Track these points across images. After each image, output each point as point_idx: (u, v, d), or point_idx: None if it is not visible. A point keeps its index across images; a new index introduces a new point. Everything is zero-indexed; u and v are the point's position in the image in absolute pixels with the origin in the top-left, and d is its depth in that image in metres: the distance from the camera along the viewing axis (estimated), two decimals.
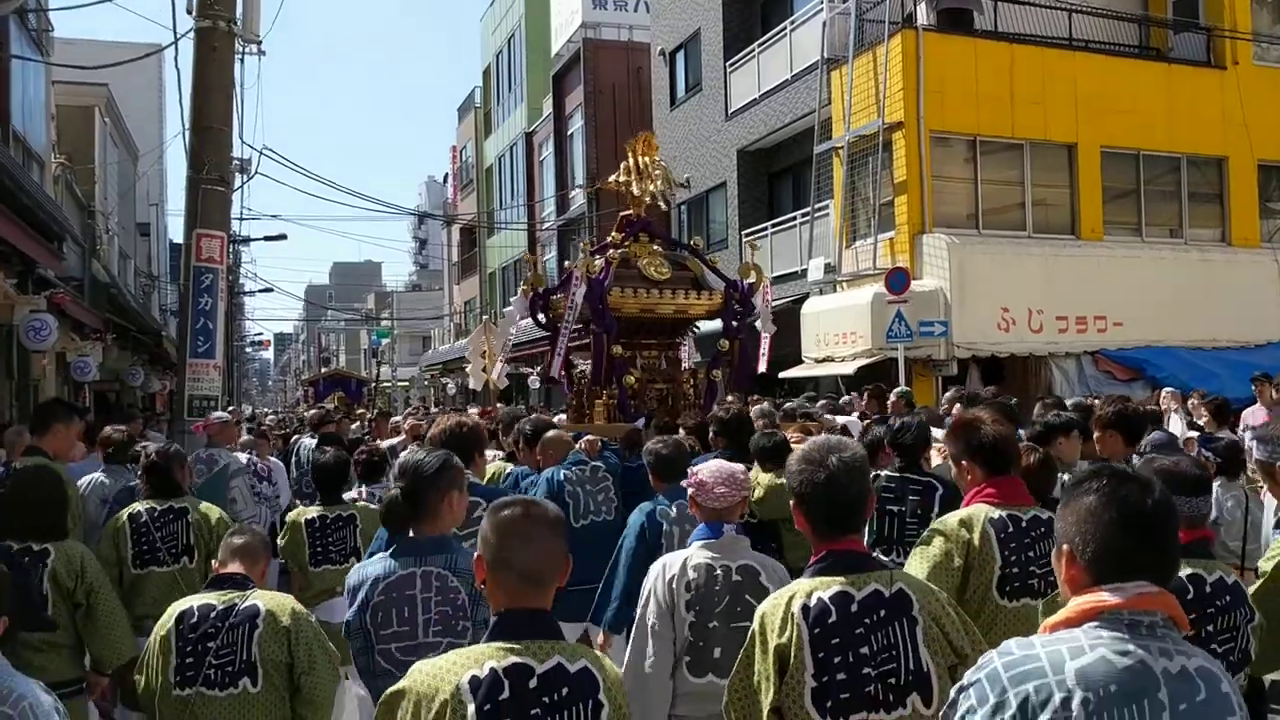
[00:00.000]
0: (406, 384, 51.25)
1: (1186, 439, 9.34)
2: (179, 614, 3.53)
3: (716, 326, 9.42)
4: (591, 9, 30.34)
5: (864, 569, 2.71)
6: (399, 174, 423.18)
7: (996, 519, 3.50)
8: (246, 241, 34.67)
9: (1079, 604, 1.86)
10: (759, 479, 5.77)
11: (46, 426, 5.82)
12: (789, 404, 11.38)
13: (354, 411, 21.06)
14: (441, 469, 3.30)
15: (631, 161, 8.94)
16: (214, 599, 3.55)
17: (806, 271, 16.90)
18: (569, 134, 30.17)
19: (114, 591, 4.45)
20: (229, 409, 10.80)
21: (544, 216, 32.50)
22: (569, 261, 25.43)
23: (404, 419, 11.71)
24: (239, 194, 11.07)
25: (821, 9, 16.93)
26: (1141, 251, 16.11)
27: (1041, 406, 7.48)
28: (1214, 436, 8.61)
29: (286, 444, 12.24)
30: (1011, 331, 14.77)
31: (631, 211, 8.86)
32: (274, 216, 66.14)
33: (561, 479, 6.00)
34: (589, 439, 6.46)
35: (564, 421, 8.30)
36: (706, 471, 3.80)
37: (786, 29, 18.57)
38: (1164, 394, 11.36)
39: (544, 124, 32.12)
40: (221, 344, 8.70)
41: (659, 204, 9.12)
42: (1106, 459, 5.20)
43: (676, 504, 4.68)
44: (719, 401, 9.00)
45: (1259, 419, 10.13)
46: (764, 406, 9.96)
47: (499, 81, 37.57)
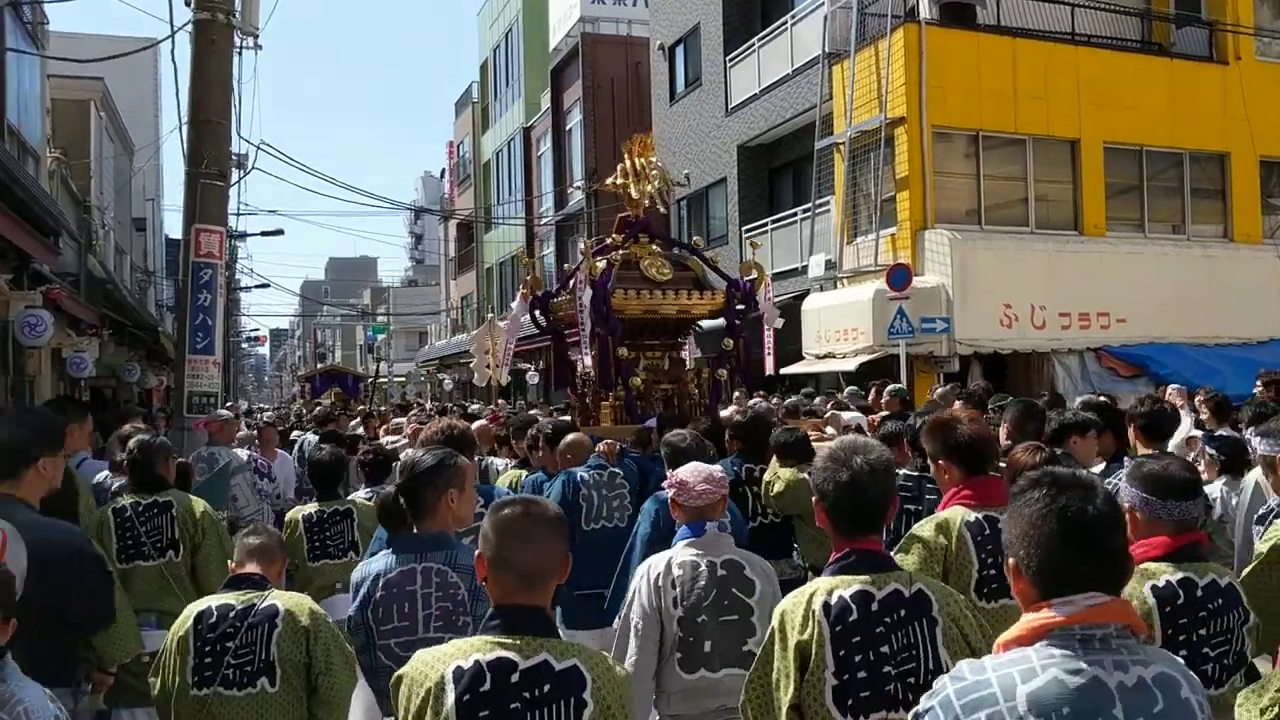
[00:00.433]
0: (403, 379, 51.14)
1: (1190, 437, 9.26)
2: (197, 614, 3.53)
3: (718, 324, 9.37)
4: (590, 3, 30.27)
5: (884, 569, 2.72)
6: (395, 169, 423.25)
7: (973, 521, 3.51)
8: (243, 237, 34.50)
9: (1029, 621, 1.83)
10: (779, 474, 5.76)
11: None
12: (791, 400, 11.37)
13: (352, 408, 21.02)
14: (438, 467, 3.30)
15: (628, 163, 8.92)
16: (233, 599, 3.56)
17: (807, 268, 16.83)
18: (567, 129, 30.07)
19: (120, 588, 4.35)
20: (228, 406, 10.76)
21: (542, 212, 32.40)
22: (568, 264, 25.51)
23: (407, 420, 11.61)
24: (235, 189, 10.95)
25: (823, 3, 16.83)
26: (1144, 248, 16.04)
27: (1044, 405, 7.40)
28: (1219, 435, 8.57)
29: (285, 440, 12.21)
30: (1014, 328, 14.70)
31: (630, 213, 8.81)
32: (271, 212, 65.98)
33: (578, 480, 5.95)
34: (607, 443, 6.43)
35: (566, 420, 8.23)
36: (686, 472, 3.90)
37: (787, 23, 18.47)
38: (1169, 391, 11.27)
39: (542, 119, 32.01)
40: (221, 340, 8.62)
41: (657, 206, 9.06)
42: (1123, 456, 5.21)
43: None
44: (724, 401, 8.96)
45: None
46: (764, 405, 9.92)
47: (496, 76, 37.45)
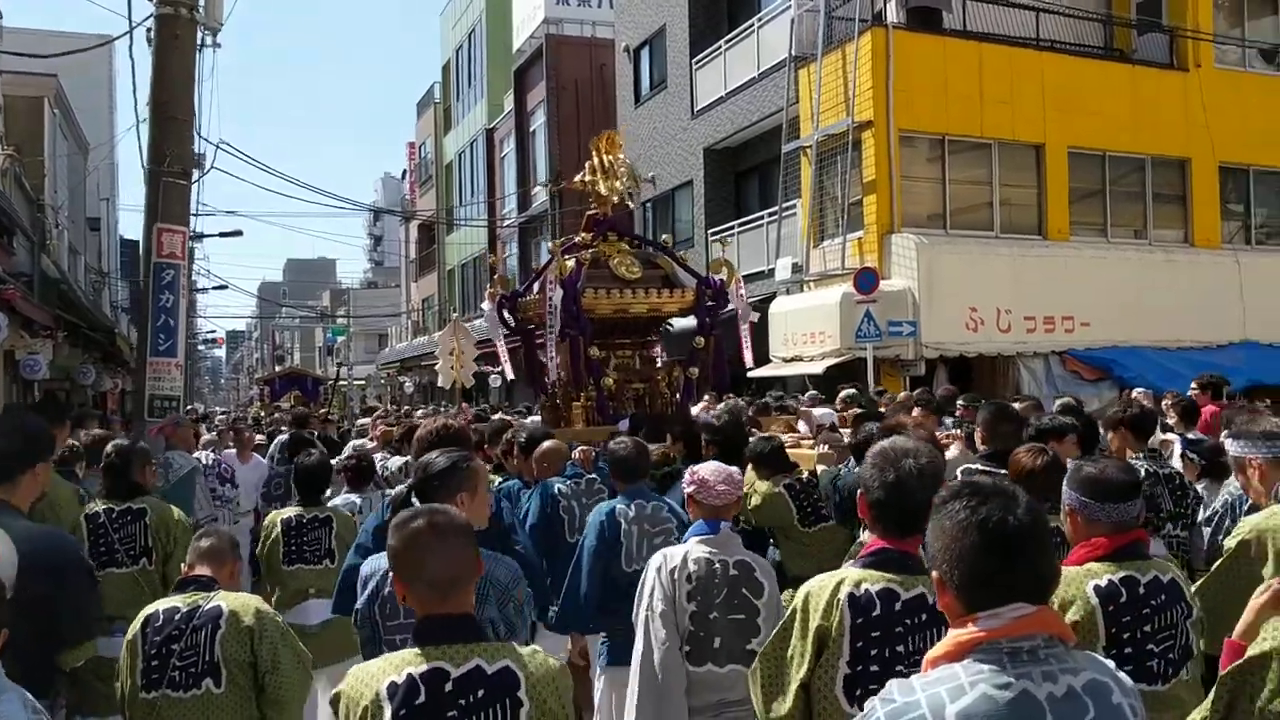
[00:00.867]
0: (363, 382, 50.66)
1: (1163, 440, 9.29)
2: (145, 617, 3.56)
3: (686, 324, 9.28)
4: (554, 4, 30.11)
5: (914, 571, 2.72)
6: (355, 171, 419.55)
7: None
8: (200, 238, 33.99)
9: (955, 637, 1.82)
10: (756, 487, 5.64)
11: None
12: (764, 400, 11.32)
13: (314, 410, 20.76)
14: (450, 469, 3.32)
15: (596, 160, 8.82)
16: (179, 601, 3.57)
17: (774, 271, 16.81)
18: (531, 130, 29.90)
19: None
20: (189, 410, 10.52)
21: (505, 214, 32.20)
22: (536, 262, 25.32)
23: (372, 423, 11.44)
24: (194, 189, 10.65)
25: (789, 6, 16.85)
26: (1107, 252, 16.18)
27: (1025, 410, 7.37)
28: (1199, 439, 8.68)
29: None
30: (980, 331, 14.76)
31: (598, 210, 8.72)
32: (229, 212, 65.03)
33: (556, 493, 5.77)
34: (583, 449, 6.27)
35: (537, 423, 8.11)
36: (707, 470, 3.98)
37: (754, 26, 18.46)
38: (1135, 394, 11.34)
39: (505, 120, 31.82)
40: (183, 342, 8.41)
41: (625, 202, 8.99)
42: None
43: (635, 503, 4.82)
44: (694, 401, 8.88)
45: None
46: (735, 403, 9.86)
47: (459, 77, 37.19)
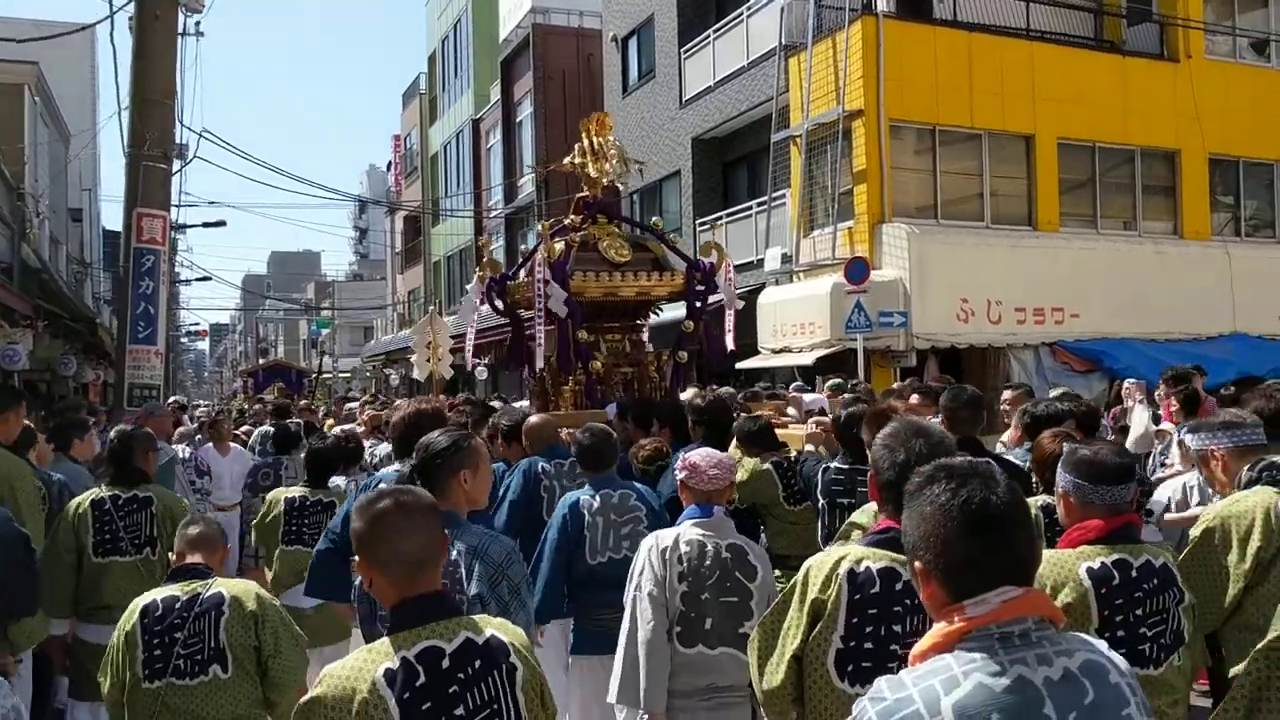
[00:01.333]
0: (348, 374, 50.44)
1: (1159, 431, 9.25)
2: (142, 608, 3.56)
3: (674, 315, 9.20)
4: None
5: None
6: (339, 162, 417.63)
7: None
8: (183, 229, 33.72)
9: (943, 628, 1.77)
10: (742, 463, 5.67)
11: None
12: (753, 389, 11.24)
13: (296, 402, 20.66)
14: (451, 448, 3.34)
15: (586, 142, 8.76)
16: (176, 590, 3.58)
17: (763, 261, 16.70)
18: (518, 121, 29.71)
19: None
20: (171, 400, 10.36)
21: (491, 205, 32.02)
22: (524, 246, 25.13)
23: (360, 408, 11.34)
24: (176, 179, 10.56)
25: None
26: (1097, 243, 16.13)
27: (1016, 398, 7.28)
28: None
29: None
30: (970, 322, 14.67)
31: (588, 193, 8.64)
32: (212, 203, 64.42)
33: (539, 471, 5.80)
34: (569, 432, 6.22)
35: (527, 409, 8.03)
36: (698, 455, 3.97)
37: (743, 14, 18.32)
38: (1127, 384, 11.27)
39: (491, 111, 31.61)
40: (163, 330, 8.25)
41: (616, 185, 8.93)
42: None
43: (601, 493, 4.83)
44: (684, 384, 8.80)
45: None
46: (727, 390, 9.79)
47: (445, 67, 36.93)
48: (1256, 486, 3.54)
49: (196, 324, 67.15)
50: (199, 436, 9.98)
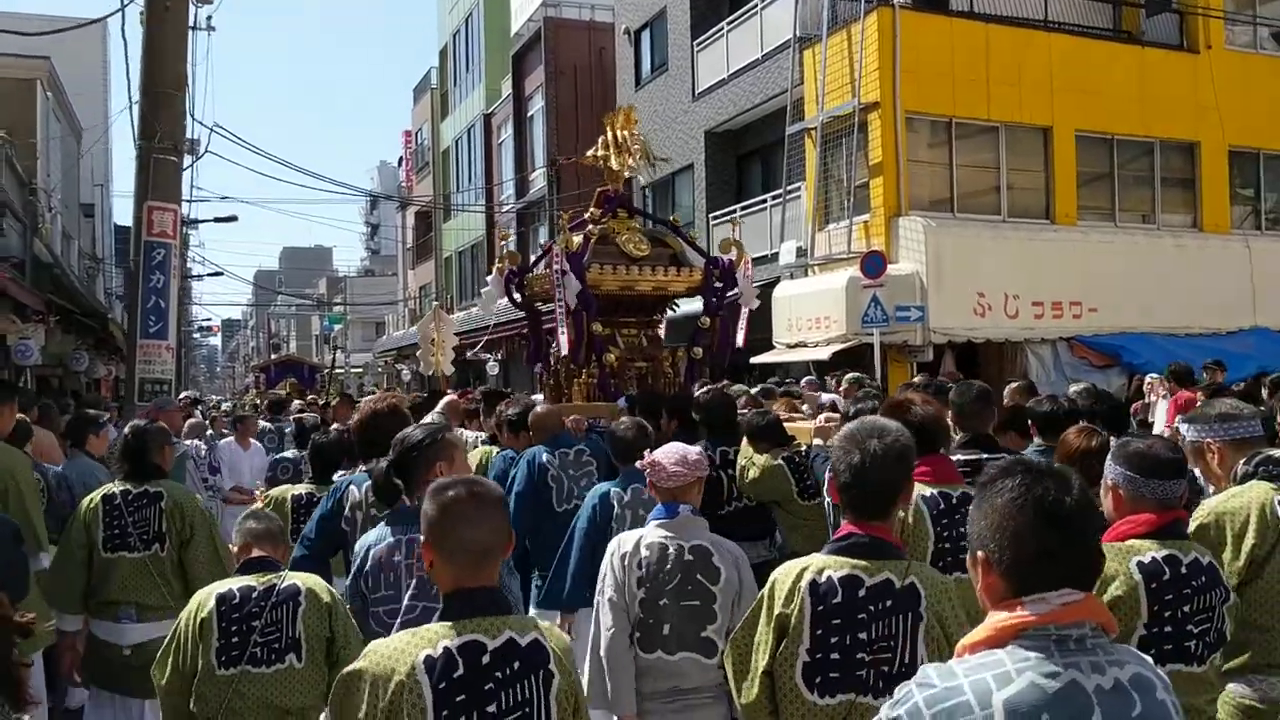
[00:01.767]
0: (360, 370, 50.45)
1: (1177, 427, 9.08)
2: (219, 596, 3.61)
3: (690, 310, 9.11)
4: None
5: (881, 556, 2.72)
6: (350, 159, 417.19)
7: (929, 496, 3.61)
8: (195, 224, 33.71)
9: (1000, 621, 1.75)
10: (754, 460, 5.58)
11: None
12: (767, 385, 11.13)
13: (305, 398, 20.66)
14: (423, 441, 3.35)
15: (610, 135, 8.64)
16: (252, 580, 3.65)
17: (777, 255, 16.57)
18: (529, 116, 29.60)
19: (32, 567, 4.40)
20: (184, 395, 10.28)
21: (503, 200, 31.93)
22: (534, 248, 25.07)
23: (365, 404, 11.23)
24: (188, 174, 10.51)
25: None
26: (1115, 237, 15.95)
27: (1014, 392, 6.98)
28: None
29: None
30: (987, 317, 14.53)
31: (609, 187, 8.55)
32: (224, 198, 64.53)
33: (543, 462, 5.85)
34: (574, 418, 6.34)
35: (541, 401, 8.00)
36: (661, 453, 3.89)
37: (757, 6, 18.16)
38: (1149, 379, 11.15)
39: (503, 106, 31.50)
40: (174, 324, 8.17)
41: (639, 176, 8.86)
42: None
43: (631, 487, 4.79)
44: (699, 380, 8.72)
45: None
46: (740, 387, 9.71)
47: (456, 62, 36.84)
48: (1252, 481, 3.47)
49: (209, 319, 67.18)
50: (210, 432, 9.95)
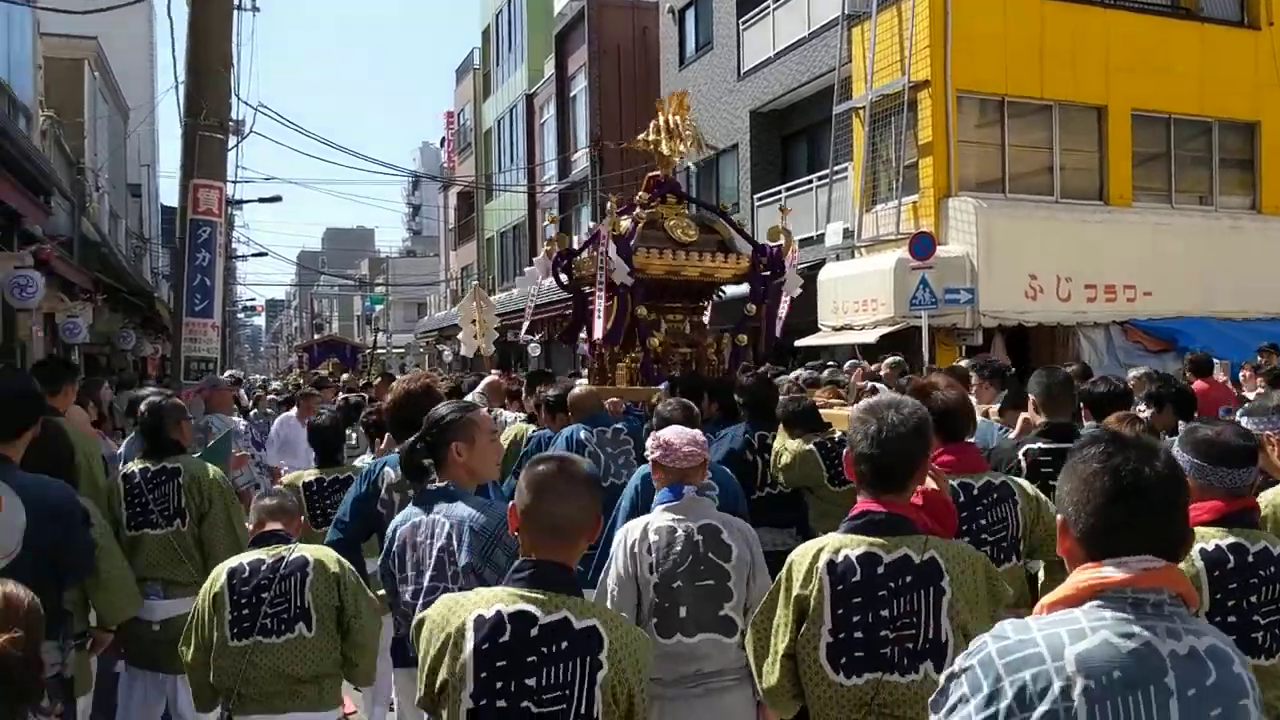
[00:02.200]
0: (402, 350, 50.70)
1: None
2: (230, 570, 3.71)
3: (737, 293, 9.03)
4: None
5: (898, 532, 2.70)
6: (393, 140, 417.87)
7: (951, 486, 3.57)
8: (240, 204, 33.92)
9: (1078, 580, 1.75)
10: (786, 445, 5.56)
11: (58, 387, 5.51)
12: (803, 370, 10.97)
13: (342, 377, 20.81)
14: (442, 420, 3.38)
15: (662, 120, 8.59)
16: (262, 554, 3.74)
17: (823, 236, 16.34)
18: (572, 96, 29.45)
19: (119, 549, 4.37)
20: (227, 374, 10.28)
21: (545, 180, 31.83)
22: (576, 228, 24.98)
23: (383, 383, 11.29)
24: (232, 155, 10.48)
25: None
26: (1171, 218, 15.57)
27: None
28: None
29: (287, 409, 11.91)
30: (1039, 300, 14.24)
31: (659, 172, 8.49)
32: (268, 178, 65.04)
33: (580, 439, 5.94)
34: (613, 400, 6.56)
35: (585, 384, 7.98)
36: (671, 433, 3.92)
37: None
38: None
39: (545, 86, 31.36)
40: (220, 303, 8.14)
41: (688, 163, 8.79)
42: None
43: None
44: (745, 367, 8.65)
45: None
46: (789, 377, 9.57)
47: (499, 42, 36.70)
48: None
49: (252, 299, 67.87)
50: (254, 411, 10.00)
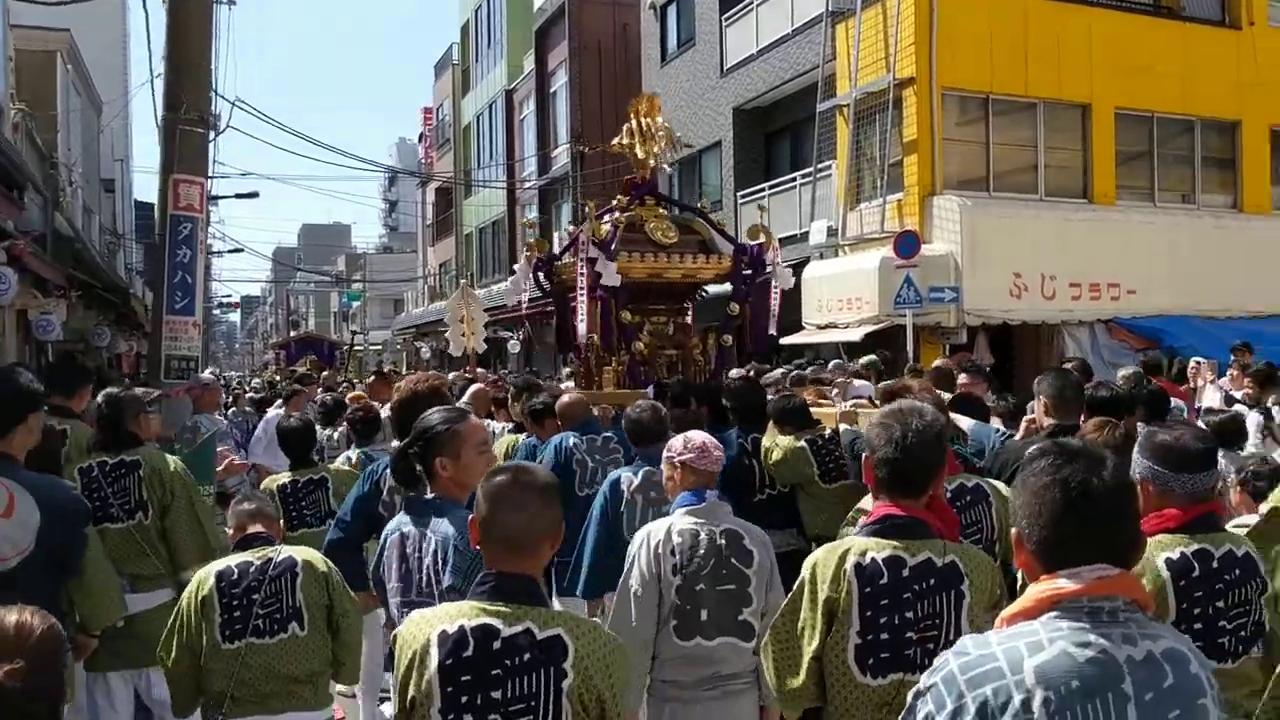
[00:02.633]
0: (379, 347, 50.38)
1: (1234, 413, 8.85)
2: (217, 573, 3.70)
3: (719, 291, 8.95)
4: None
5: (919, 536, 2.74)
6: (369, 137, 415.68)
7: None
8: (216, 200, 33.53)
9: (1035, 593, 1.80)
10: (778, 442, 5.61)
11: (74, 389, 5.43)
12: (787, 368, 10.92)
13: (322, 374, 20.59)
14: (427, 432, 3.26)
15: (634, 123, 8.53)
16: (249, 556, 3.76)
17: (807, 235, 16.27)
18: (552, 92, 29.28)
19: (103, 552, 4.30)
20: (208, 372, 10.10)
21: (524, 177, 31.65)
22: (556, 225, 24.80)
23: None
24: (210, 149, 10.25)
25: None
26: (1155, 217, 15.61)
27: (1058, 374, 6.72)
28: (1213, 408, 8.45)
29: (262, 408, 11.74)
30: (1023, 298, 14.23)
31: (636, 175, 8.45)
32: (244, 174, 64.34)
33: (570, 445, 5.91)
34: (603, 407, 6.47)
35: (570, 388, 7.87)
36: (704, 437, 3.95)
37: None
38: (1194, 363, 10.84)
39: (525, 81, 31.17)
40: (201, 300, 7.95)
41: (661, 165, 8.72)
42: None
43: (642, 471, 4.84)
44: (729, 366, 8.59)
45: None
46: (775, 374, 9.52)
47: (478, 38, 36.46)
48: None
49: (228, 295, 67.27)
50: (233, 409, 9.84)
